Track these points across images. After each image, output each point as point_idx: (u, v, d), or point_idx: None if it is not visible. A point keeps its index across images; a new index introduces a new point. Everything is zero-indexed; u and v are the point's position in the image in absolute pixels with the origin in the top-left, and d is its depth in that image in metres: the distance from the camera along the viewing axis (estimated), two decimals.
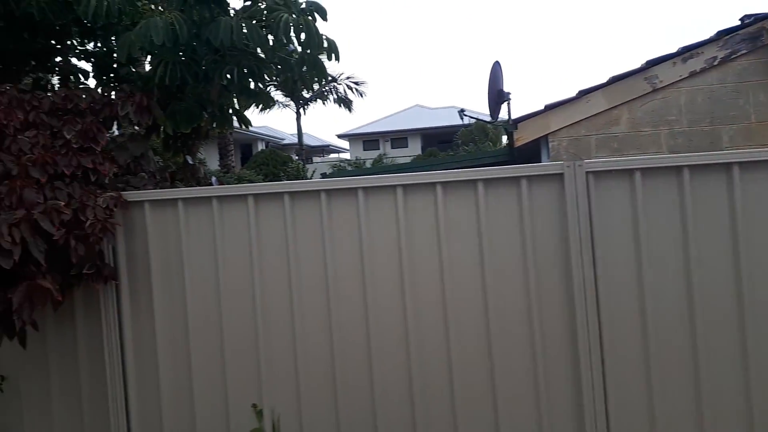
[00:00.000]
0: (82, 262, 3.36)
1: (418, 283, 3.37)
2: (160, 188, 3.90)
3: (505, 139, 22.91)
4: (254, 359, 3.50)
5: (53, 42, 5.27)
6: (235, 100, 4.47)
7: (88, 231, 3.29)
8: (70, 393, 3.71)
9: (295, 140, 34.80)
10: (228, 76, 4.02)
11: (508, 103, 8.25)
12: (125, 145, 3.80)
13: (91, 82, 5.66)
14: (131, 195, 3.60)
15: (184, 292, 3.56)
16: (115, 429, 3.60)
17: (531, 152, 6.67)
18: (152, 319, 3.59)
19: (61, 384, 3.72)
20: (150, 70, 4.15)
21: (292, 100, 31.70)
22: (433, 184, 3.37)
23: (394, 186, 3.39)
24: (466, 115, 10.61)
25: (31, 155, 3.33)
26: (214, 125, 4.57)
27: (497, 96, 8.11)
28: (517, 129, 6.39)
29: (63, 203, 3.25)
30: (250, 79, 4.24)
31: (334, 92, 31.36)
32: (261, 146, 34.35)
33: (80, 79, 5.66)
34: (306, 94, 30.04)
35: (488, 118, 9.45)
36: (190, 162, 4.41)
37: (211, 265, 3.55)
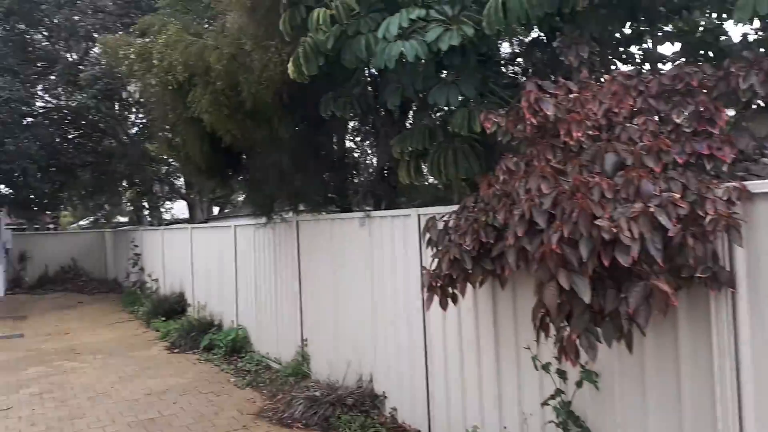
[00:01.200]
0: (697, 263, 2.89)
1: None
2: None
3: None
4: None
5: (636, 27, 5.05)
6: None
7: (708, 228, 2.80)
8: (667, 408, 3.32)
9: None
10: None
11: None
12: (744, 126, 3.14)
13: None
14: (756, 185, 2.91)
15: None
16: None
17: None
18: None
19: (658, 395, 3.37)
20: None
21: None
22: None
23: None
24: None
25: (643, 143, 3.06)
26: None
27: None
28: None
29: (678, 195, 2.86)
30: None
31: None
32: None
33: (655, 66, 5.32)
34: None
35: None
36: None
37: None
